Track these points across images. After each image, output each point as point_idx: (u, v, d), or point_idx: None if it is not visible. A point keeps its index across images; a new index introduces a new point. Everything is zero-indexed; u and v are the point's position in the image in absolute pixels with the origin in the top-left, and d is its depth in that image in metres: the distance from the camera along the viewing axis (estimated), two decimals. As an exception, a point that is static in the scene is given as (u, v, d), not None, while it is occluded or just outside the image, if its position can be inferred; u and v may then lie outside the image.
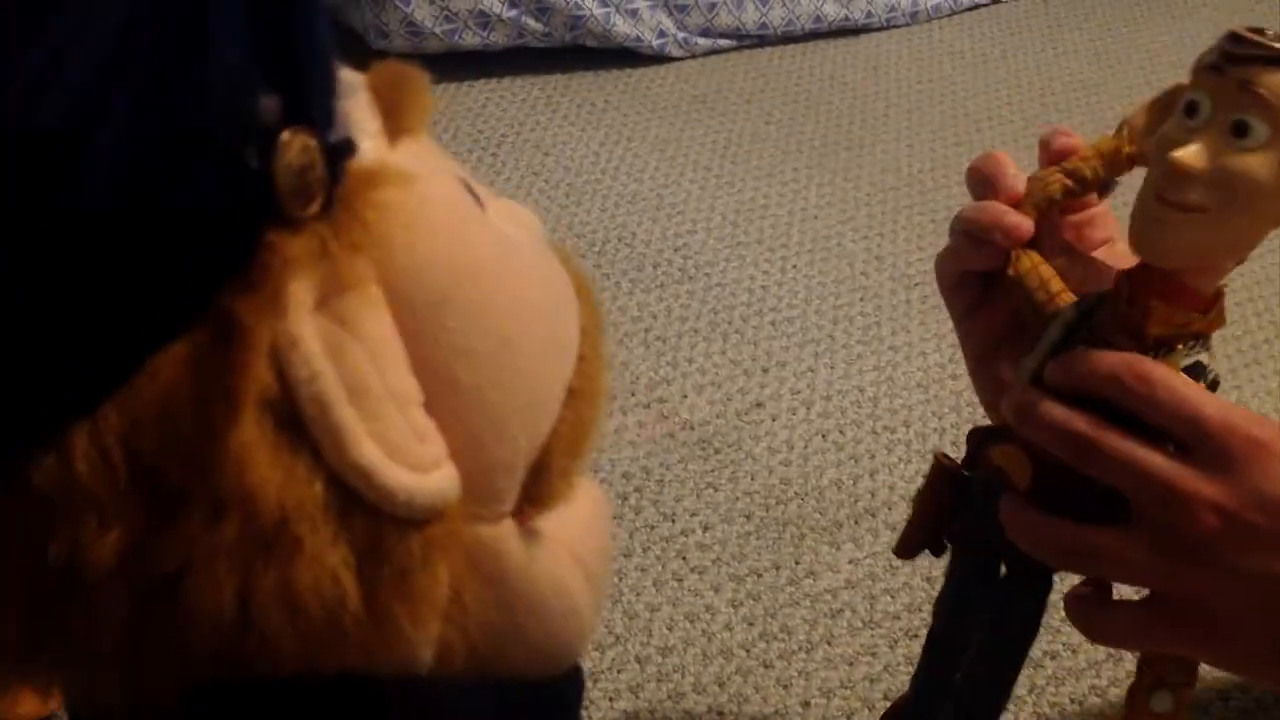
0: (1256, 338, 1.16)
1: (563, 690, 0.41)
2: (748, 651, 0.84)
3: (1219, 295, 0.49)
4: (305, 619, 0.30)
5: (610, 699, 0.80)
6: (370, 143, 0.33)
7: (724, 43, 1.82)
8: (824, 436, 1.05)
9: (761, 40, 1.84)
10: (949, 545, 0.60)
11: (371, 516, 0.30)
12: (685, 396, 1.10)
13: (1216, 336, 0.50)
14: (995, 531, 0.53)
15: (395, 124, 0.34)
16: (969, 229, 0.53)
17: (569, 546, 0.38)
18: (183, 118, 0.28)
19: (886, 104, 1.68)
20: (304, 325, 0.29)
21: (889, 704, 0.80)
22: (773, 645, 0.85)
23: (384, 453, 0.30)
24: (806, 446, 1.04)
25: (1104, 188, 0.55)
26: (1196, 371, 0.49)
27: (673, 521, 0.96)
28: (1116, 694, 0.83)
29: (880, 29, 1.90)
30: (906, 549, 0.60)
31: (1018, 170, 0.53)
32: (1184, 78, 0.48)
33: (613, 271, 1.29)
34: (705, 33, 1.81)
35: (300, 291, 0.29)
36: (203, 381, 0.28)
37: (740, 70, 1.77)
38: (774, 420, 1.07)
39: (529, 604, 0.36)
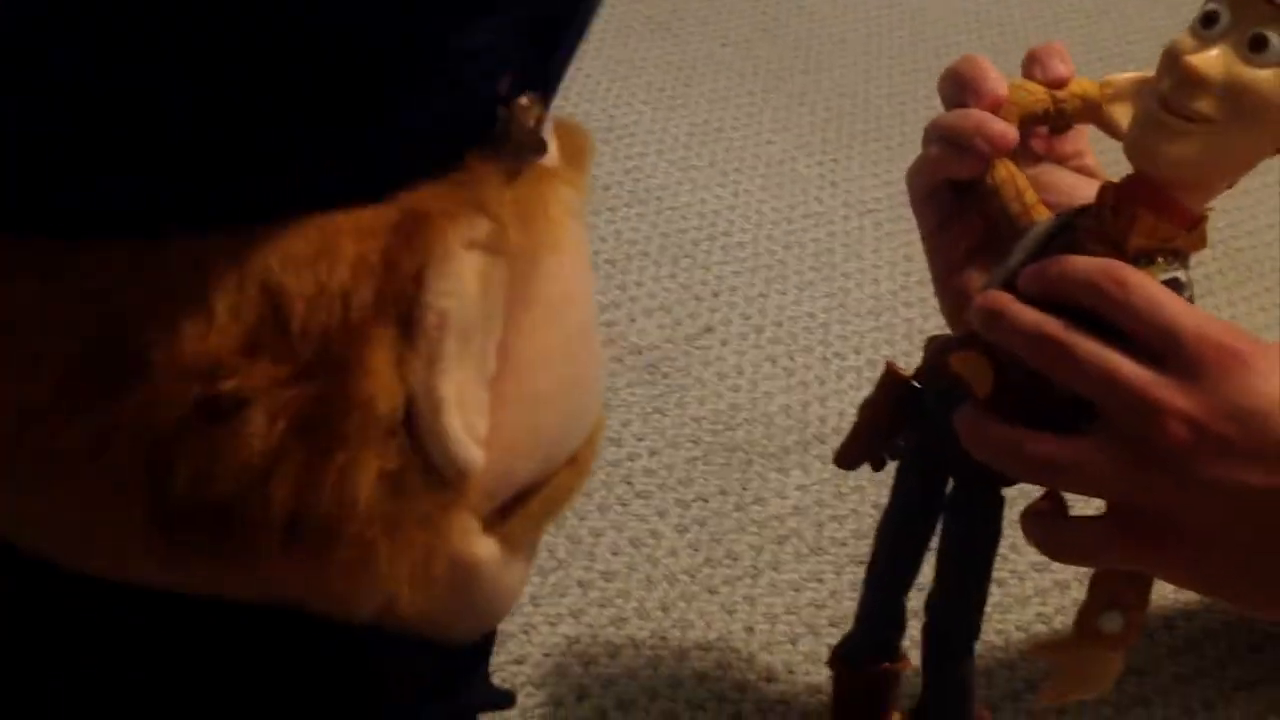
0: (1209, 269, 1.15)
1: (483, 642, 0.42)
2: (692, 577, 0.83)
3: (1203, 216, 0.48)
4: (312, 507, 0.30)
5: (552, 623, 0.79)
6: (552, 159, 0.35)
7: (680, -37, 1.79)
8: (774, 362, 1.04)
9: (718, -39, 1.81)
10: (890, 460, 0.59)
11: (409, 450, 0.31)
12: (634, 320, 1.08)
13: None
14: (949, 445, 0.51)
15: (568, 162, 0.37)
16: (949, 135, 0.51)
17: (523, 571, 0.39)
18: (454, 41, 0.30)
19: (844, 28, 1.65)
20: (463, 251, 0.30)
21: (835, 630, 0.79)
22: (718, 571, 0.84)
23: (456, 398, 0.31)
24: (756, 372, 1.03)
25: (1062, 129, 0.54)
26: (1174, 286, 0.47)
27: (619, 446, 0.94)
28: (1063, 621, 0.82)
29: (839, -47, 1.87)
30: (847, 459, 0.59)
31: (999, 74, 0.52)
32: (1141, 13, 0.47)
33: (562, 193, 1.27)
34: (661, -48, 1.77)
35: (479, 225, 0.31)
36: (368, 251, 0.29)
37: (696, -8, 1.74)
38: (724, 345, 1.06)
39: (486, 598, 0.37)
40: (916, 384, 0.56)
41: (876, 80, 1.52)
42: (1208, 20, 0.45)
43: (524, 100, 0.31)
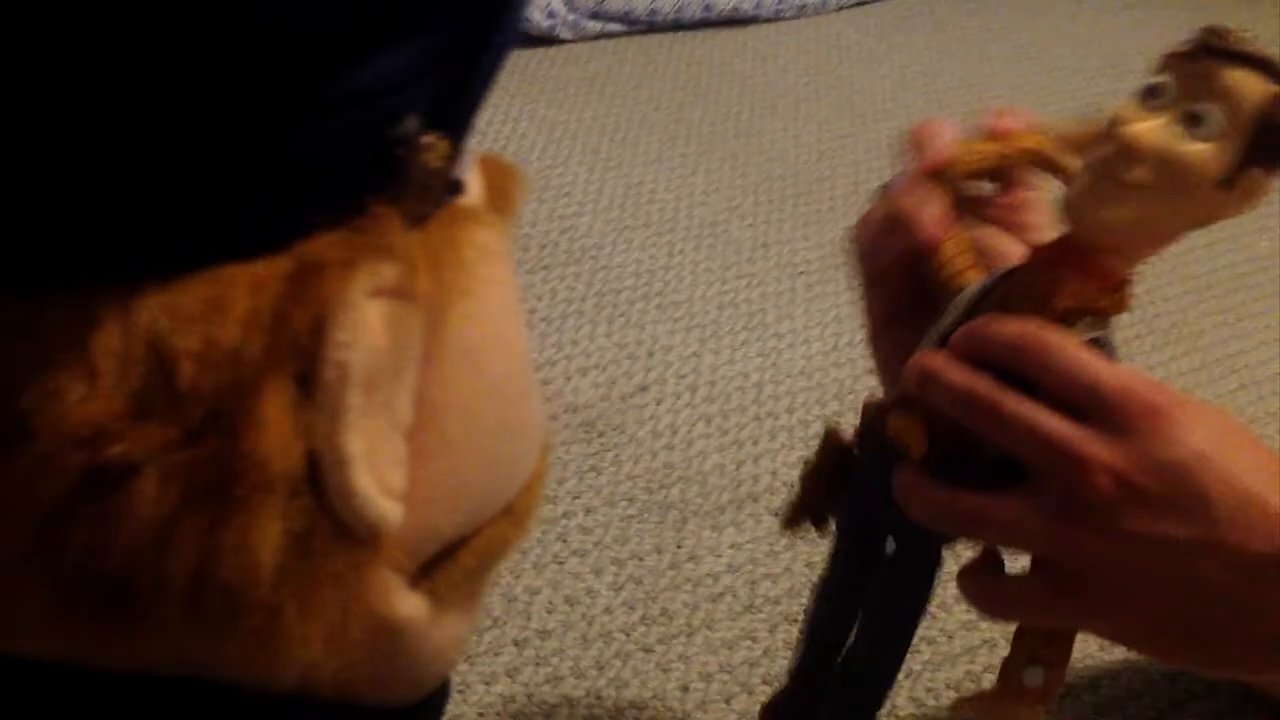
0: (1128, 334, 1.18)
1: (428, 709, 0.40)
2: (628, 635, 0.84)
3: (1127, 280, 0.50)
4: (212, 574, 0.28)
5: (487, 683, 0.79)
6: (474, 198, 0.34)
7: (614, 27, 1.81)
8: (708, 421, 1.05)
9: (651, 26, 1.84)
10: (831, 519, 0.59)
11: (316, 506, 0.30)
12: (569, 379, 1.09)
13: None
14: (886, 505, 0.53)
15: (493, 205, 0.35)
16: (890, 213, 0.53)
17: (459, 625, 0.38)
18: (343, 82, 0.28)
19: (774, 94, 1.68)
20: (364, 299, 0.29)
21: (768, 688, 0.80)
22: (653, 629, 0.84)
23: (364, 453, 0.30)
24: (690, 431, 1.04)
25: (1012, 182, 0.56)
26: (1096, 346, 0.49)
27: (554, 504, 0.94)
28: (991, 679, 0.83)
29: (769, 20, 1.90)
30: (790, 520, 0.60)
31: (953, 136, 0.54)
32: (1064, 77, 0.49)
33: (497, 252, 1.27)
34: (595, 16, 1.80)
35: (382, 271, 0.29)
36: (260, 304, 0.28)
37: (629, 55, 1.77)
38: (658, 404, 1.07)
39: (412, 656, 0.36)
40: (855, 449, 0.57)
41: (805, 145, 1.54)
42: (1152, 92, 0.47)
43: (427, 139, 0.30)
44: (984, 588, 0.50)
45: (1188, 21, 0.51)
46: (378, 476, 0.30)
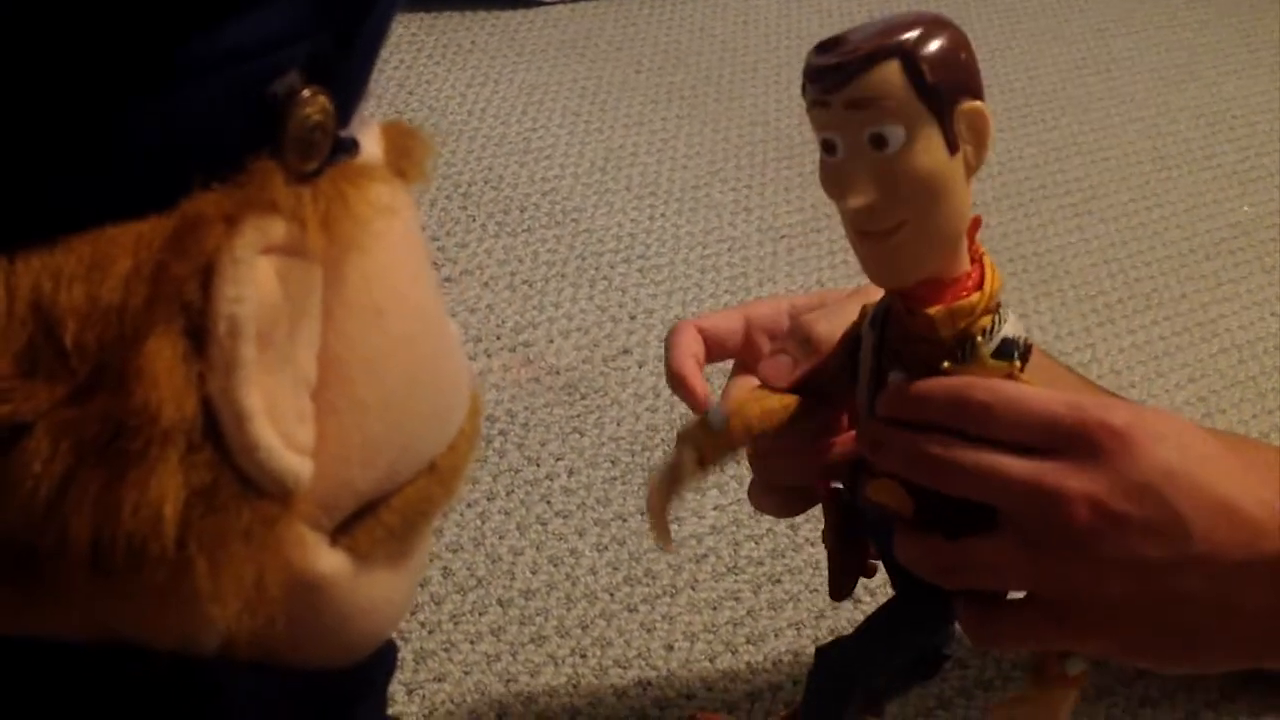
0: (1110, 298, 1.18)
1: (368, 671, 0.39)
2: (612, 595, 0.84)
3: (979, 263, 0.48)
4: (112, 531, 0.28)
5: (472, 642, 0.79)
6: (371, 159, 0.34)
7: (594, -11, 1.80)
8: (690, 384, 1.05)
9: (632, -11, 1.82)
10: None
11: (219, 461, 0.29)
12: (551, 341, 1.09)
13: (1072, 296, 0.50)
14: (888, 558, 0.53)
15: (394, 167, 0.35)
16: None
17: (394, 580, 0.37)
18: (217, 40, 0.28)
19: (755, 58, 1.67)
20: (254, 254, 0.29)
21: (752, 648, 0.80)
22: (637, 589, 0.84)
23: (264, 408, 0.30)
24: (672, 394, 1.03)
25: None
26: (1007, 350, 0.48)
27: (537, 465, 0.94)
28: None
29: (750, -17, 1.89)
30: (836, 588, 0.59)
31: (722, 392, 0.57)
32: (1042, 43, 0.49)
33: (479, 214, 1.27)
34: (575, -22, 1.79)
35: (265, 226, 0.29)
36: (144, 260, 0.28)
37: (610, 18, 1.75)
38: (640, 367, 1.06)
39: (342, 613, 0.35)
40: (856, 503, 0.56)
41: (787, 109, 1.54)
42: (828, 147, 0.47)
43: (305, 93, 0.30)
44: (979, 620, 0.51)
45: (1178, 10, 0.50)
46: (282, 431, 0.30)
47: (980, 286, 0.48)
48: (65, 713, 0.32)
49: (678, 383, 0.58)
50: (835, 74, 0.46)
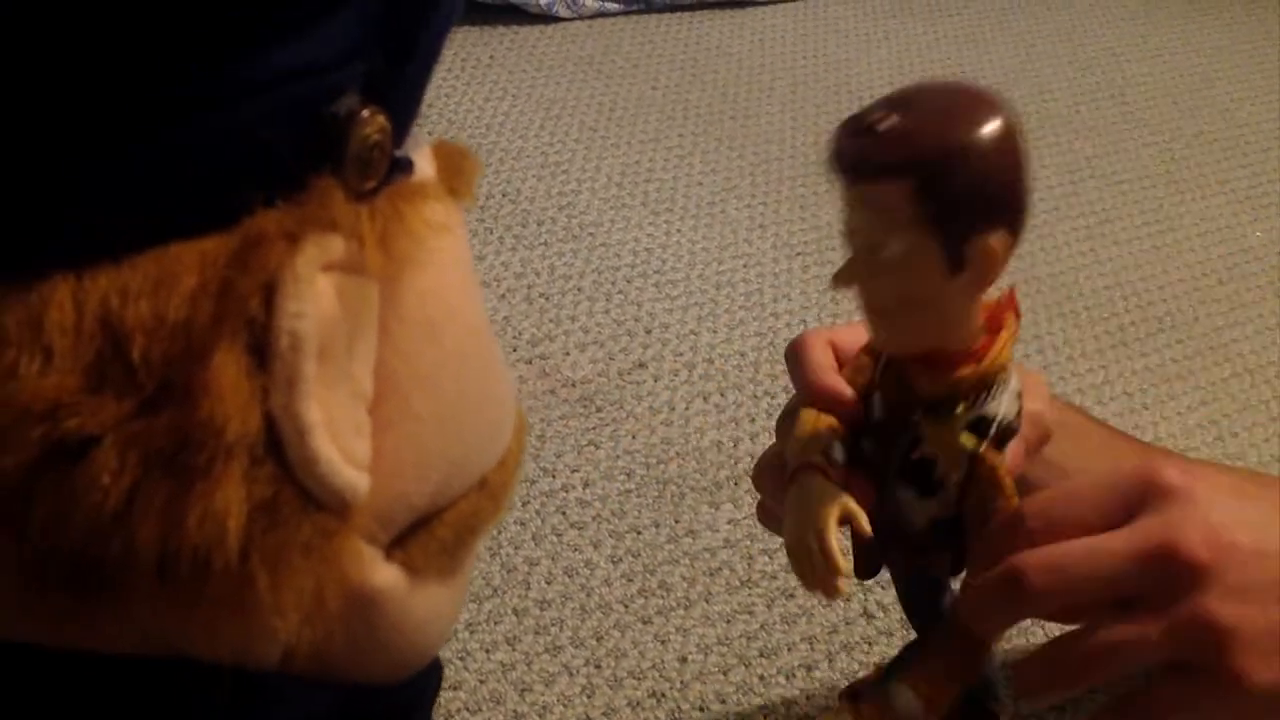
0: (1123, 320, 1.19)
1: (418, 687, 0.40)
2: (626, 607, 0.84)
3: (993, 336, 0.47)
4: (178, 542, 0.29)
5: (487, 651, 0.80)
6: (425, 177, 0.34)
7: (611, 6, 1.81)
8: (705, 399, 1.05)
9: (649, 6, 1.83)
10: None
11: (281, 475, 0.30)
12: (568, 354, 1.09)
13: (1085, 318, 0.49)
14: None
15: (447, 185, 0.36)
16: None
17: (445, 596, 0.38)
18: (277, 61, 0.28)
19: (771, 76, 1.68)
20: (315, 271, 0.29)
21: (766, 661, 0.81)
22: (651, 601, 0.85)
23: (324, 422, 0.30)
24: (688, 408, 1.04)
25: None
26: (981, 426, 0.48)
27: (553, 477, 0.95)
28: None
29: (766, 3, 1.90)
30: (864, 570, 0.57)
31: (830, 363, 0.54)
32: (1058, 65, 0.48)
33: (496, 227, 1.27)
34: (594, -6, 1.80)
35: (325, 244, 0.29)
36: (209, 278, 0.28)
37: (627, 35, 1.76)
38: (656, 381, 1.07)
39: (396, 626, 0.36)
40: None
41: (802, 127, 1.55)
42: (850, 232, 0.45)
43: (364, 113, 0.30)
44: (1138, 712, 0.50)
45: (1181, 12, 0.51)
46: (341, 446, 0.31)
47: (979, 361, 0.47)
48: None
49: (823, 396, 0.52)
50: (850, 168, 0.43)
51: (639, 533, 0.90)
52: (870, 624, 0.83)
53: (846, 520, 0.47)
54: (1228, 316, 1.20)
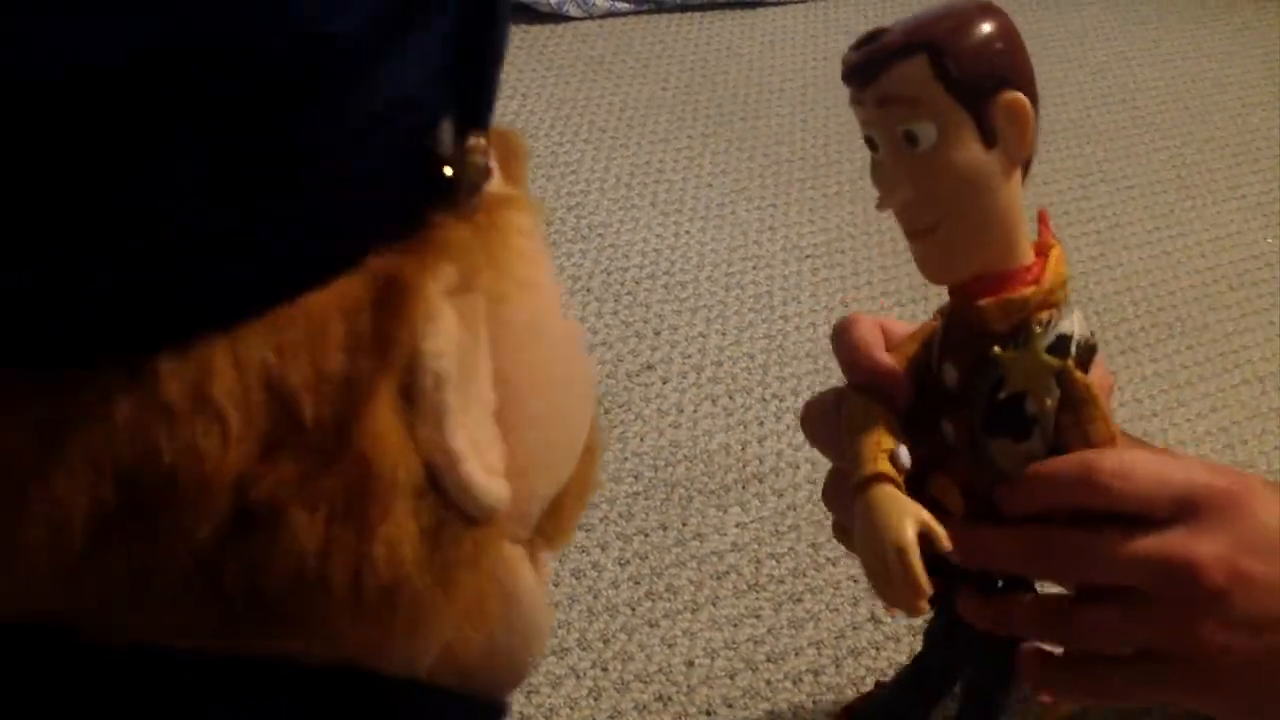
0: (1133, 326, 1.19)
1: (504, 708, 0.42)
2: (633, 610, 0.84)
3: (1044, 255, 0.47)
4: (369, 583, 0.30)
5: (494, 652, 0.80)
6: (497, 175, 0.35)
7: (622, 6, 1.81)
8: (713, 401, 1.05)
9: (659, 6, 1.83)
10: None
11: (441, 503, 0.31)
12: (576, 355, 1.09)
13: (1095, 324, 0.49)
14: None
15: (504, 174, 0.36)
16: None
17: (544, 584, 0.40)
18: (383, 95, 0.29)
19: (781, 78, 1.68)
20: (444, 304, 0.30)
21: (773, 665, 0.80)
22: (658, 604, 0.85)
23: (470, 446, 0.31)
24: (696, 410, 1.04)
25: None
26: (1061, 346, 0.48)
27: (561, 478, 0.95)
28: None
29: (776, 3, 1.90)
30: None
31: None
32: (1068, 69, 0.49)
33: (505, 227, 1.27)
34: (604, -6, 1.80)
35: (448, 273, 0.30)
36: (359, 327, 0.29)
37: (637, 35, 1.76)
38: (664, 383, 1.07)
39: (526, 626, 0.38)
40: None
41: (812, 129, 1.55)
42: (870, 144, 0.46)
43: (473, 141, 0.31)
44: (1075, 673, 0.51)
45: (1193, 16, 0.51)
46: (483, 463, 0.32)
47: (1039, 280, 0.47)
48: None
49: (873, 373, 0.51)
50: (864, 71, 0.45)
51: (646, 535, 0.90)
52: (878, 629, 0.83)
53: (924, 534, 0.46)
54: (1238, 323, 1.20)
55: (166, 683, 0.32)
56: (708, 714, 0.77)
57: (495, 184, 0.34)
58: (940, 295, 0.50)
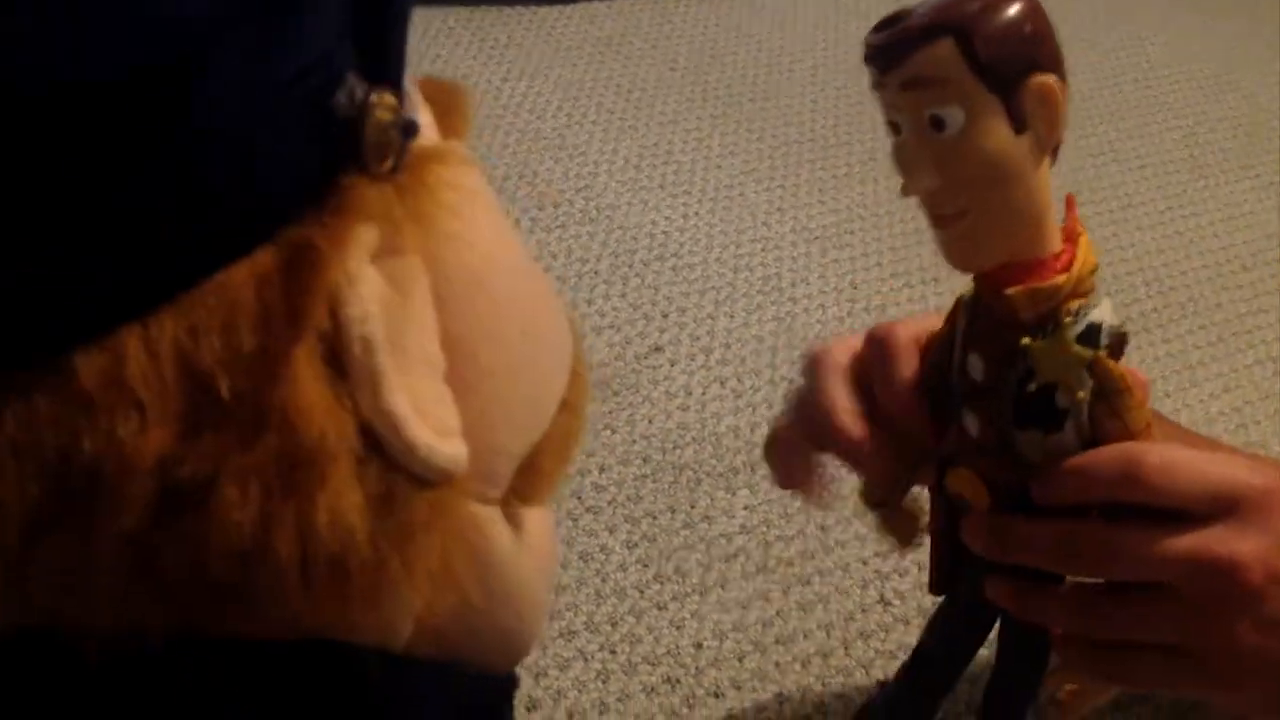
0: (1145, 306, 1.18)
1: (507, 688, 0.42)
2: (641, 592, 0.84)
3: (1072, 243, 0.46)
4: (315, 553, 0.30)
5: (502, 635, 0.79)
6: (427, 130, 0.34)
7: (631, -13, 1.80)
8: (722, 383, 1.05)
9: (668, -13, 1.82)
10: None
11: (387, 467, 0.31)
12: (584, 338, 1.09)
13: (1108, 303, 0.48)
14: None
15: (443, 128, 0.36)
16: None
17: (538, 547, 0.39)
18: (282, 64, 0.28)
19: (791, 59, 1.67)
20: (364, 267, 0.30)
21: (781, 647, 0.80)
22: (666, 587, 0.84)
23: (412, 408, 0.31)
24: (704, 393, 1.04)
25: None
26: (1091, 335, 0.46)
27: (568, 461, 0.94)
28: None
29: (787, -16, 1.89)
30: (937, 584, 0.56)
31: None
32: (1080, 50, 0.48)
33: (512, 209, 1.27)
34: (612, -25, 1.79)
35: (367, 236, 0.30)
36: (270, 299, 0.29)
37: (646, 16, 1.75)
38: (673, 365, 1.06)
39: (506, 589, 0.37)
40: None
41: (822, 111, 1.54)
42: (894, 128, 0.45)
43: (373, 98, 0.30)
44: (1109, 661, 0.50)
45: (1216, 20, 0.50)
46: (432, 424, 0.31)
47: (1068, 268, 0.46)
48: (259, 711, 0.34)
49: (839, 442, 0.53)
50: (888, 53, 0.44)
51: (654, 518, 0.90)
52: (887, 611, 0.83)
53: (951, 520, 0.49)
54: (1250, 303, 1.19)
55: (128, 678, 0.31)
56: (716, 696, 0.77)
57: (428, 139, 0.34)
58: (952, 278, 0.49)
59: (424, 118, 0.35)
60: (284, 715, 0.34)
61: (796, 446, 0.54)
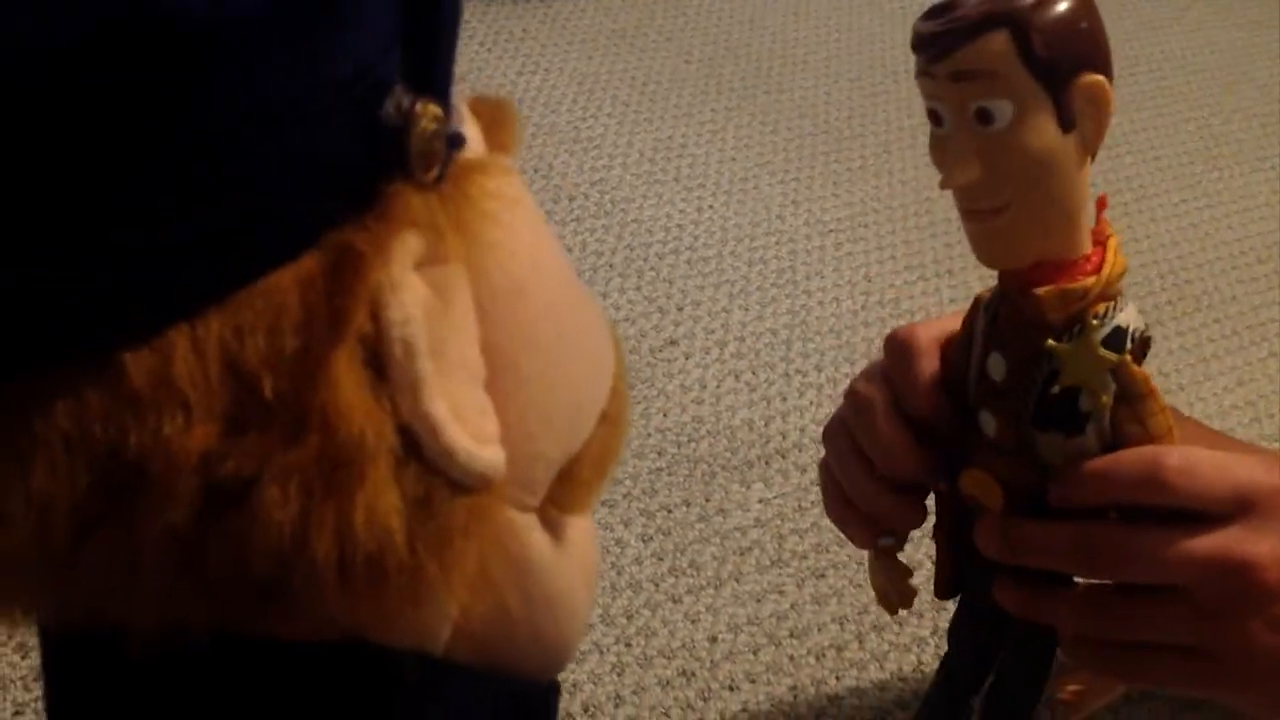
0: (1159, 299, 1.18)
1: (548, 697, 0.42)
2: (656, 586, 0.84)
3: (1102, 246, 0.46)
4: (353, 553, 0.30)
5: (518, 628, 0.80)
6: (474, 144, 0.35)
7: (645, -21, 1.80)
8: (736, 377, 1.05)
9: (683, -21, 1.83)
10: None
11: (426, 471, 0.31)
12: (599, 331, 1.09)
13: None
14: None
15: (490, 142, 0.36)
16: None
17: (579, 556, 0.40)
18: (329, 73, 0.29)
19: (805, 51, 1.67)
20: (408, 274, 0.30)
21: (795, 641, 0.81)
22: (681, 580, 0.85)
23: (451, 413, 0.31)
24: (719, 386, 1.04)
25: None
26: (1117, 339, 0.46)
27: (584, 455, 0.95)
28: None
29: (801, -25, 1.89)
30: (944, 588, 0.55)
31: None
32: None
33: (528, 203, 1.27)
34: (627, -32, 1.79)
35: (411, 244, 0.30)
36: (314, 302, 0.29)
37: (660, 8, 1.76)
38: (687, 359, 1.07)
39: (545, 596, 0.37)
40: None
41: (836, 102, 1.54)
42: (935, 119, 0.44)
43: (419, 108, 0.31)
44: (1122, 660, 0.50)
45: (1232, 10, 0.50)
46: (471, 430, 0.32)
47: (1098, 270, 0.45)
48: (296, 711, 0.34)
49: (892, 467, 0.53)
50: (939, 43, 0.43)
51: (669, 511, 0.91)
52: (901, 605, 0.83)
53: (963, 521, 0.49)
54: (1265, 296, 1.19)
55: (169, 678, 0.32)
56: (731, 689, 0.77)
57: (474, 151, 0.34)
58: (966, 271, 0.50)
59: (470, 132, 0.36)
60: (321, 715, 0.35)
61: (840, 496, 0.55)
